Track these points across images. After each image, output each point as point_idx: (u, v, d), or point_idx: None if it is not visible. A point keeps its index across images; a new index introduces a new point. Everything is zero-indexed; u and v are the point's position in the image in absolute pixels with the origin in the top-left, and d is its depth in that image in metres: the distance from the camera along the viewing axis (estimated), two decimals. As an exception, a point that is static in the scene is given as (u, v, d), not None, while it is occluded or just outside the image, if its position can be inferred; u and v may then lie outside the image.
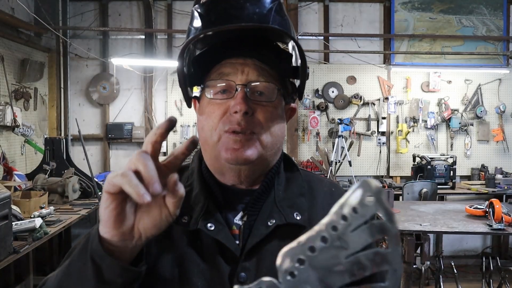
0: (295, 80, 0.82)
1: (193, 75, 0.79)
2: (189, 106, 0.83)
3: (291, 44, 0.80)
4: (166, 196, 0.57)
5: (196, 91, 0.81)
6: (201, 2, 0.75)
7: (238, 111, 0.71)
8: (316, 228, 0.47)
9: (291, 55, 0.79)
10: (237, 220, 0.78)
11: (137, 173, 0.54)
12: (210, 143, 0.75)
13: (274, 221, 0.75)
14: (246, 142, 0.73)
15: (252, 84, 0.74)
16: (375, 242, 0.48)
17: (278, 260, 0.48)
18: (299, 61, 0.78)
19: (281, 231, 0.75)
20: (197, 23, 0.74)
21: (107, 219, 0.57)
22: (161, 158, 0.59)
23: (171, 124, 0.57)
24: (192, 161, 0.85)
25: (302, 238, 0.48)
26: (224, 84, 0.75)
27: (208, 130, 0.75)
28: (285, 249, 0.48)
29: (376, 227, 0.46)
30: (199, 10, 0.75)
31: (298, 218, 0.77)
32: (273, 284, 0.49)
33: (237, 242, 0.75)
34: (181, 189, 0.57)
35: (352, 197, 0.45)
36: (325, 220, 0.47)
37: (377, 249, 0.46)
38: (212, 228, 0.74)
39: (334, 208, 0.46)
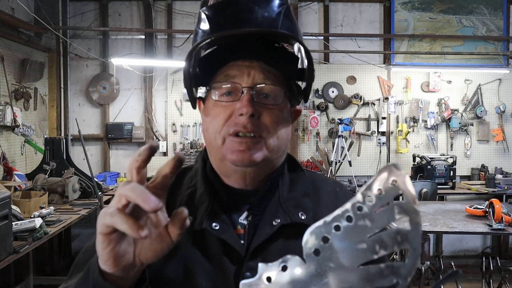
0: (301, 82, 0.82)
1: (199, 76, 0.78)
2: (194, 107, 0.83)
3: (296, 46, 0.80)
4: (171, 226, 0.55)
5: (200, 91, 0.81)
6: (209, 4, 0.75)
7: (244, 113, 0.71)
8: (342, 208, 0.49)
9: (297, 57, 0.79)
10: (242, 219, 0.78)
11: (126, 207, 0.52)
12: (215, 146, 0.75)
13: (279, 220, 0.75)
14: (253, 145, 0.73)
15: (258, 86, 0.74)
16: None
17: (304, 239, 0.49)
18: (306, 64, 0.77)
19: (286, 230, 0.75)
20: (205, 25, 0.74)
21: (107, 259, 0.55)
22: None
23: (152, 150, 0.53)
24: (196, 162, 0.85)
25: (328, 217, 0.49)
26: (230, 86, 0.74)
27: (213, 132, 0.75)
28: (311, 228, 0.49)
29: (399, 208, 0.48)
30: (207, 13, 0.74)
31: (303, 217, 0.77)
32: (298, 261, 0.50)
33: (242, 241, 0.75)
34: (187, 222, 0.56)
35: (378, 179, 0.48)
36: (351, 201, 0.49)
37: (398, 228, 0.48)
38: (217, 228, 0.74)
39: (361, 189, 0.48)
